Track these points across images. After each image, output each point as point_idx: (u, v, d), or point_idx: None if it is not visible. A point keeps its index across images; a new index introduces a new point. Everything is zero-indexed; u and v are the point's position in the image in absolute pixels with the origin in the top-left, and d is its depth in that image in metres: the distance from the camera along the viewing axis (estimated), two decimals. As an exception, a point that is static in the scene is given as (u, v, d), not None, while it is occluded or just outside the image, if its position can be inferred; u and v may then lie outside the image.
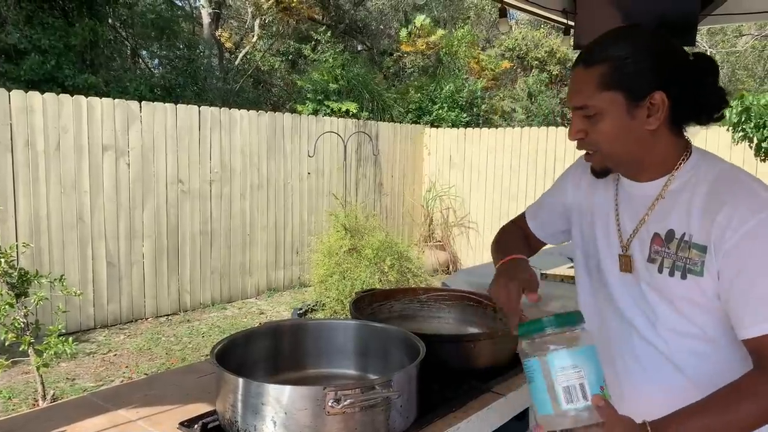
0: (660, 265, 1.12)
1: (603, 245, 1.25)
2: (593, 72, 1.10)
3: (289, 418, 1.15)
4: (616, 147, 1.13)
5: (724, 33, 16.18)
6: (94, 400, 1.45)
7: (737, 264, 1.03)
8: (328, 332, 1.54)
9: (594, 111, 1.11)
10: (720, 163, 1.15)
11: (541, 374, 1.01)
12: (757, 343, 1.01)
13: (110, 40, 9.91)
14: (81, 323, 5.54)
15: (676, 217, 1.11)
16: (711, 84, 1.13)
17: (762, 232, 1.01)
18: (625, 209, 1.21)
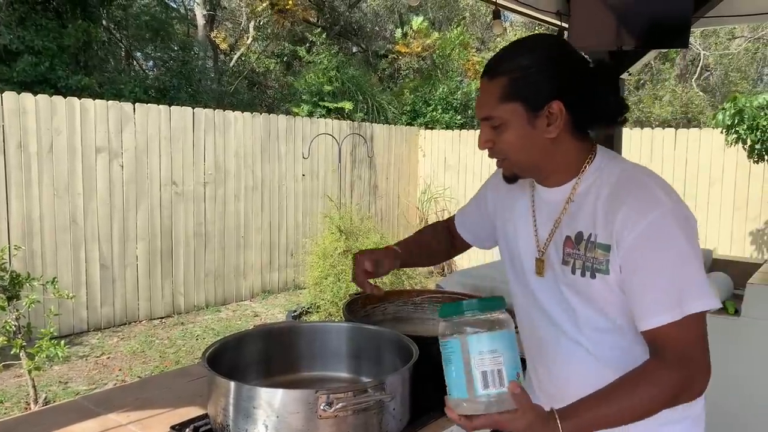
0: (573, 266, 1.16)
1: (524, 250, 1.28)
2: (495, 84, 1.14)
3: (281, 422, 1.14)
4: (521, 155, 1.17)
5: (718, 35, 16.26)
6: (85, 404, 1.43)
7: (634, 261, 1.07)
8: (320, 335, 1.53)
9: (498, 122, 1.15)
10: (622, 164, 1.18)
11: (460, 356, 1.00)
12: (652, 334, 1.07)
13: (104, 41, 9.88)
14: (74, 326, 5.51)
15: (583, 219, 1.15)
16: (609, 91, 1.16)
17: (655, 230, 1.06)
18: (540, 214, 1.25)
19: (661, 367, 1.05)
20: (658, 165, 7.22)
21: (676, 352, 1.05)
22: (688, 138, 7.10)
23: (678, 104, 15.39)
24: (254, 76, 13.77)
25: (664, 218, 1.07)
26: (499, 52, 1.18)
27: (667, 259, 1.06)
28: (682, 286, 1.05)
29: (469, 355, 0.99)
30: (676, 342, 1.05)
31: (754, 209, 6.69)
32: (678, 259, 1.06)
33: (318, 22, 14.35)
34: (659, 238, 1.07)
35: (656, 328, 1.06)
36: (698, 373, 1.06)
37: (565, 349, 1.22)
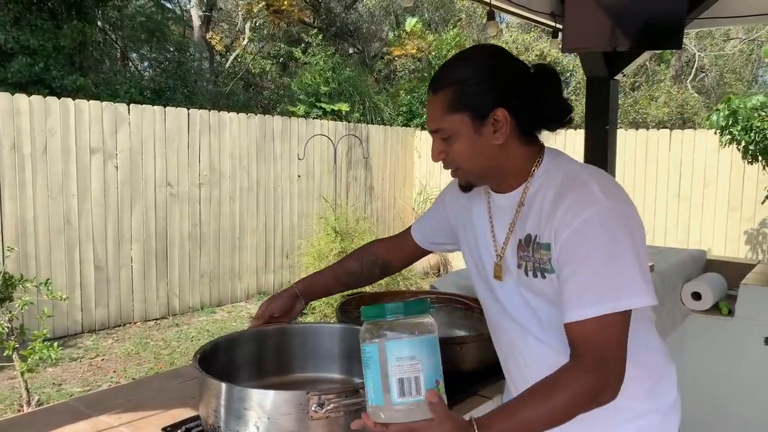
0: (525, 268, 1.19)
1: (485, 255, 1.31)
2: (441, 97, 1.17)
3: (273, 423, 1.13)
4: (472, 163, 1.19)
5: (713, 37, 16.32)
6: (77, 406, 1.43)
7: (566, 256, 1.09)
8: (312, 336, 1.52)
9: (447, 133, 1.17)
10: (567, 165, 1.20)
11: (377, 362, 0.97)
12: (572, 330, 1.07)
13: (99, 42, 9.86)
14: (68, 328, 5.49)
15: (532, 221, 1.18)
16: (551, 94, 1.19)
17: (588, 227, 1.07)
18: (496, 220, 1.28)
19: (578, 371, 1.05)
20: (653, 166, 7.24)
21: (593, 352, 1.04)
22: (682, 139, 7.12)
23: (673, 105, 15.44)
24: (250, 77, 13.76)
25: (598, 215, 1.07)
26: (442, 66, 1.21)
27: (596, 254, 1.07)
28: (609, 283, 1.05)
29: (386, 361, 0.96)
30: (594, 341, 1.05)
31: (749, 210, 6.72)
32: (608, 255, 1.06)
33: (314, 23, 14.36)
34: (591, 234, 1.07)
35: (576, 323, 1.06)
36: (613, 377, 1.05)
37: (532, 348, 1.24)
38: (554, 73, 1.21)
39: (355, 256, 1.64)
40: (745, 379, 2.71)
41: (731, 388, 2.71)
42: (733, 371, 2.71)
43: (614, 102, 3.71)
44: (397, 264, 1.65)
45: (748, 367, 2.70)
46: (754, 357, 2.69)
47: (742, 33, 16.02)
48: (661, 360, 1.29)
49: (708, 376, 2.75)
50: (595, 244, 1.07)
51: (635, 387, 1.09)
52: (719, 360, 2.75)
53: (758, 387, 2.68)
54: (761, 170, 5.91)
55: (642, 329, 1.21)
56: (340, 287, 1.64)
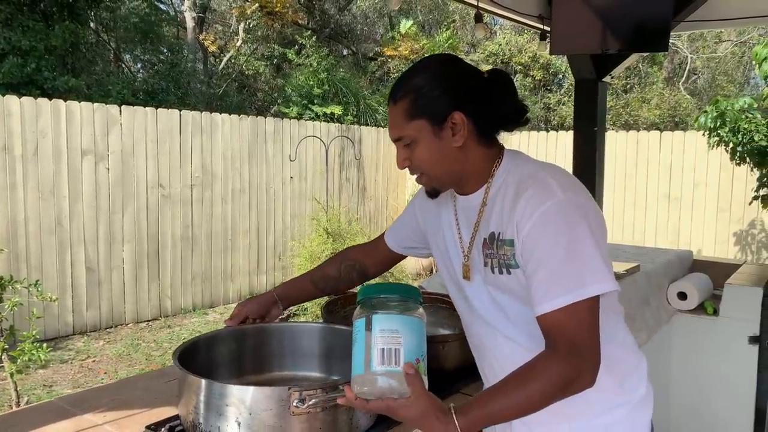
0: (491, 265, 1.22)
1: (454, 257, 1.34)
2: (399, 107, 1.21)
3: (254, 419, 1.15)
4: (435, 168, 1.24)
5: (705, 39, 16.42)
6: (61, 405, 1.44)
7: (529, 249, 1.13)
8: (291, 335, 1.54)
9: (409, 140, 1.22)
10: (526, 164, 1.25)
11: (363, 334, 1.04)
12: (544, 321, 1.10)
13: (92, 43, 9.84)
14: (59, 330, 5.48)
15: (494, 219, 1.22)
16: (505, 96, 1.24)
17: (546, 219, 1.11)
18: (462, 222, 1.32)
19: (552, 359, 1.07)
20: (644, 167, 7.28)
21: (566, 341, 1.07)
22: (672, 141, 7.17)
23: (665, 107, 15.52)
24: (244, 78, 13.76)
25: (556, 207, 1.11)
26: (399, 78, 1.25)
27: (557, 245, 1.10)
28: (573, 272, 1.08)
29: (371, 332, 1.02)
30: (566, 330, 1.07)
31: (737, 211, 6.77)
32: (570, 245, 1.09)
33: (308, 25, 14.37)
34: (550, 226, 1.11)
35: (547, 314, 1.09)
36: (589, 363, 1.07)
37: (502, 347, 1.27)
38: (507, 77, 1.27)
39: (333, 262, 1.68)
40: (729, 378, 2.74)
41: (715, 387, 2.74)
42: (718, 370, 2.74)
43: (602, 104, 3.74)
44: (373, 269, 1.68)
45: (731, 366, 2.73)
46: (738, 356, 2.72)
47: (734, 35, 16.13)
48: (631, 353, 1.31)
49: (692, 374, 2.78)
50: (556, 235, 1.10)
51: (603, 379, 1.11)
52: (704, 359, 2.78)
53: (741, 385, 2.71)
54: (749, 171, 5.96)
55: (610, 321, 1.23)
56: (317, 292, 1.66)
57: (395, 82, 1.25)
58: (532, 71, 15.43)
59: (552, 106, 15.58)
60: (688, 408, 2.79)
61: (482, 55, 15.56)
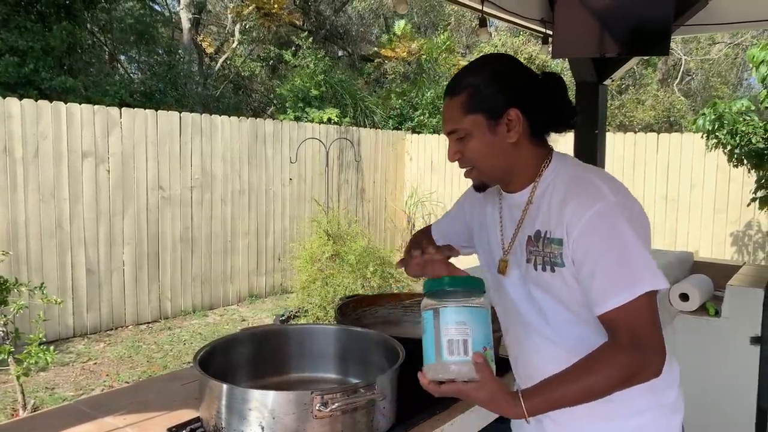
0: (534, 263, 1.26)
1: (495, 252, 1.39)
2: (457, 100, 1.26)
3: (277, 423, 1.17)
4: (486, 162, 1.28)
5: (698, 41, 16.52)
6: (81, 408, 1.45)
7: (583, 250, 1.16)
8: (308, 337, 1.56)
9: (463, 133, 1.26)
10: (574, 166, 1.30)
11: (432, 325, 1.10)
12: (605, 319, 1.15)
13: (89, 44, 9.82)
14: (59, 332, 5.48)
15: (540, 218, 1.26)
16: (559, 98, 1.29)
17: (598, 220, 1.16)
18: (505, 218, 1.37)
19: (616, 350, 1.12)
20: (641, 168, 7.33)
21: (628, 334, 1.11)
22: (669, 142, 7.22)
23: (660, 108, 15.61)
24: (240, 79, 13.75)
25: (606, 209, 1.16)
26: (457, 73, 1.31)
27: (611, 246, 1.14)
28: (627, 271, 1.13)
29: (440, 324, 1.09)
30: (627, 324, 1.12)
31: (734, 212, 6.82)
32: (622, 246, 1.14)
33: (304, 26, 14.37)
34: (603, 227, 1.15)
35: (608, 313, 1.13)
36: (652, 354, 1.12)
37: (536, 342, 1.31)
38: (560, 78, 1.30)
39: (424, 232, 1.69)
40: (731, 378, 2.77)
41: (718, 387, 2.77)
42: (719, 370, 2.77)
43: (603, 107, 3.78)
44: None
45: (733, 367, 2.77)
46: (739, 356, 2.75)
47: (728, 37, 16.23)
48: None
49: (695, 375, 2.81)
50: (608, 238, 1.15)
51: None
52: (706, 359, 2.81)
53: (743, 386, 2.74)
54: (746, 173, 6.00)
55: None
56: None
57: (454, 76, 1.30)
58: (528, 73, 15.47)
59: (548, 107, 15.62)
60: (690, 408, 2.81)
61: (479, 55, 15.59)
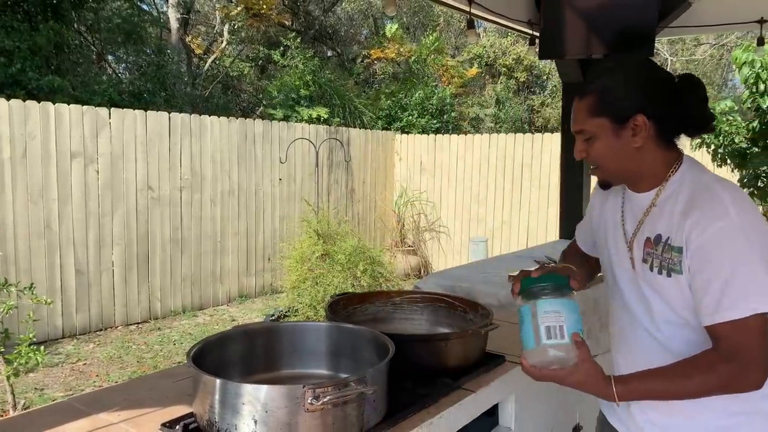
0: (651, 264, 1.31)
1: (612, 247, 1.45)
2: (584, 102, 1.31)
3: (270, 416, 1.19)
4: (610, 164, 1.33)
5: (684, 42, 16.69)
6: (75, 405, 1.47)
7: (699, 263, 1.21)
8: (300, 334, 1.58)
9: (588, 134, 1.32)
10: (703, 175, 1.31)
11: (530, 316, 1.26)
12: (712, 330, 1.21)
13: (76, 44, 9.77)
14: (49, 333, 5.46)
15: (663, 223, 1.29)
16: (693, 101, 1.29)
17: (719, 238, 1.19)
18: (627, 215, 1.41)
19: (716, 358, 1.18)
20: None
21: (731, 347, 1.17)
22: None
23: (647, 109, 15.74)
24: (228, 80, 13.73)
25: (729, 229, 1.18)
26: (588, 75, 1.36)
27: (727, 264, 1.17)
28: (739, 290, 1.16)
29: (536, 314, 1.25)
30: (731, 338, 1.17)
31: (719, 211, 6.91)
32: (737, 264, 1.17)
33: (293, 26, 14.37)
34: (722, 245, 1.18)
35: (715, 326, 1.19)
36: (750, 368, 1.17)
37: (641, 339, 1.38)
38: (698, 83, 1.31)
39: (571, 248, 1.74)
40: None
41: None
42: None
43: (589, 107, 3.83)
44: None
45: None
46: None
47: (713, 38, 16.41)
48: None
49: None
50: (726, 254, 1.18)
51: None
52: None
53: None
54: (730, 172, 6.10)
55: None
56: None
57: (585, 78, 1.36)
58: (516, 73, 15.58)
59: (536, 107, 15.74)
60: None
61: (467, 57, 15.68)
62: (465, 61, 15.41)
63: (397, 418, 1.35)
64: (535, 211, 8.27)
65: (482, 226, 8.74)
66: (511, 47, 15.33)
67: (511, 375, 1.69)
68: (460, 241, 8.92)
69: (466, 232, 8.84)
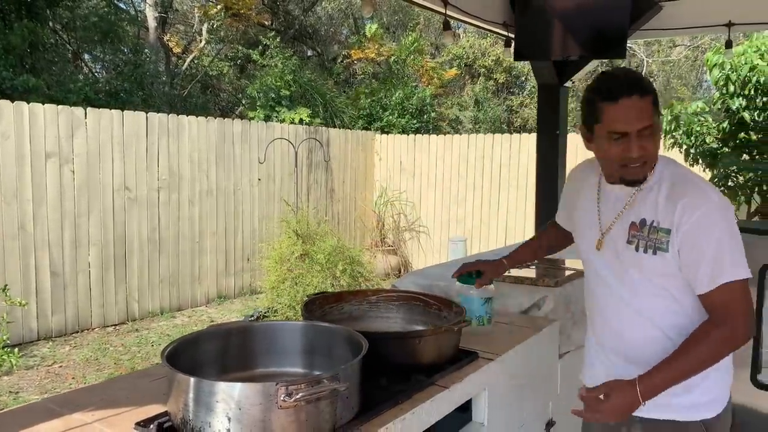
0: (636, 245, 1.52)
1: (586, 231, 1.67)
2: (647, 100, 1.45)
3: (243, 413, 1.20)
4: (655, 158, 1.52)
5: (660, 44, 16.95)
6: (49, 405, 1.46)
7: (690, 241, 1.43)
8: (274, 333, 1.59)
9: (652, 130, 1.47)
10: (678, 167, 1.56)
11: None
12: (706, 298, 1.44)
13: (51, 43, 9.63)
14: (23, 335, 5.38)
15: (647, 208, 1.51)
16: None
17: (705, 219, 1.43)
18: (604, 204, 1.62)
19: (711, 327, 1.42)
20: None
21: (721, 311, 1.42)
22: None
23: (624, 109, 15.94)
24: (207, 79, 13.63)
25: (713, 210, 1.43)
26: (637, 74, 1.50)
27: (713, 241, 1.41)
28: (725, 262, 1.41)
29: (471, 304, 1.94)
30: (721, 303, 1.42)
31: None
32: (721, 241, 1.42)
33: (272, 26, 14.31)
34: (708, 225, 1.42)
35: (707, 294, 1.42)
36: (738, 326, 1.40)
37: (621, 311, 1.59)
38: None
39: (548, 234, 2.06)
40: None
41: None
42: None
43: (564, 108, 3.89)
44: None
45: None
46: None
47: (688, 40, 16.70)
48: None
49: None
50: (711, 233, 1.42)
51: None
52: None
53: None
54: (702, 172, 6.23)
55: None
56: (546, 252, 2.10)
57: (635, 76, 1.48)
58: (495, 74, 15.70)
59: (514, 108, 15.87)
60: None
61: (446, 58, 15.76)
62: (445, 62, 15.48)
63: (370, 415, 1.37)
64: (513, 210, 8.35)
65: (461, 225, 8.80)
66: (490, 48, 15.44)
67: (484, 371, 1.72)
68: (439, 240, 8.97)
69: (446, 231, 8.90)
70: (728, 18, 3.57)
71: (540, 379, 2.12)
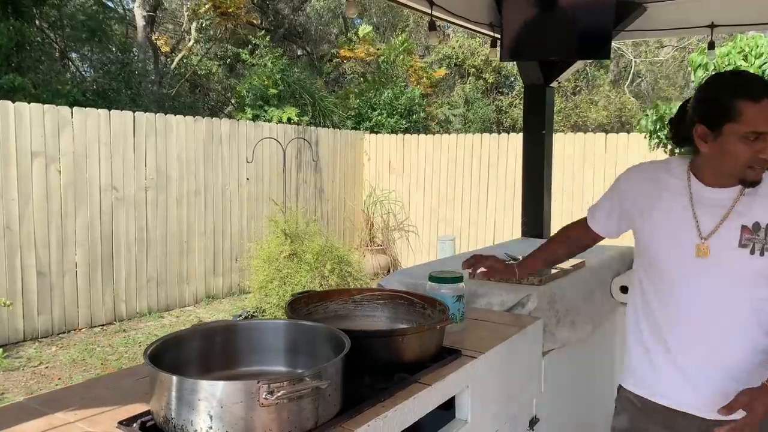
0: (752, 248, 1.48)
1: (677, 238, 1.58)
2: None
3: (225, 411, 1.21)
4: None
5: (647, 44, 17.09)
6: (31, 405, 1.46)
7: None
8: (257, 332, 1.60)
9: None
10: None
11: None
12: None
13: (38, 41, 9.56)
14: (9, 336, 5.35)
15: (758, 212, 1.49)
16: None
17: None
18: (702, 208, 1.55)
19: None
20: (591, 166, 7.58)
21: None
22: (617, 142, 7.49)
23: (612, 109, 16.10)
24: (196, 78, 13.57)
25: None
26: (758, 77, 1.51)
27: None
28: None
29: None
30: None
31: (678, 209, 7.11)
32: None
33: (262, 25, 14.28)
34: None
35: None
36: None
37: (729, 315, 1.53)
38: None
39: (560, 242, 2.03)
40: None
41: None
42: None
43: (550, 108, 3.92)
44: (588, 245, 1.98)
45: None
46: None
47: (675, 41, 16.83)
48: None
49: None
50: None
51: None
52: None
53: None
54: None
55: None
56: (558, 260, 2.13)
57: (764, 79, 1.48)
58: (484, 74, 15.75)
59: (504, 108, 15.94)
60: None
61: (436, 58, 15.79)
62: (434, 62, 15.52)
63: (352, 412, 1.38)
64: (502, 209, 8.39)
65: (450, 225, 8.84)
66: (479, 48, 15.49)
67: (467, 369, 1.73)
68: (428, 240, 9.00)
69: (435, 231, 8.93)
70: (711, 19, 3.61)
71: (524, 376, 2.14)
